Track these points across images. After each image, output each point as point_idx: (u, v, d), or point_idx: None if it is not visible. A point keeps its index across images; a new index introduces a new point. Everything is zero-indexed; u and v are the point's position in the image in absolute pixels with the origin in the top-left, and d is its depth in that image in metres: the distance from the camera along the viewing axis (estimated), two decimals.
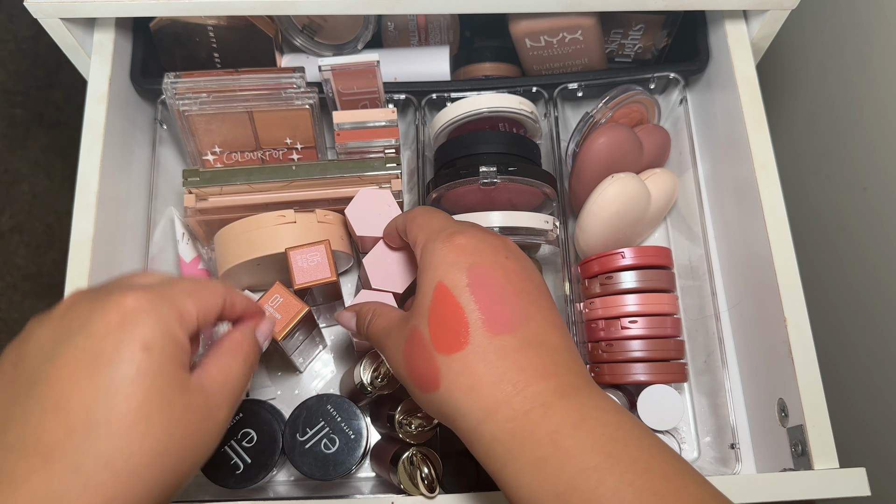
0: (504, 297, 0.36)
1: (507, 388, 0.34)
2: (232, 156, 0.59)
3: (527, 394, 0.33)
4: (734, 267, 0.58)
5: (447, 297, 0.36)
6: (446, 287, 0.36)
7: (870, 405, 0.75)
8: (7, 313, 1.15)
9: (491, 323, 0.35)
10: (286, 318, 0.47)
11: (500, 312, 0.35)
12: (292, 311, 0.48)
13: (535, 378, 0.34)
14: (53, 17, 0.53)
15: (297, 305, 0.48)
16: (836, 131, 0.76)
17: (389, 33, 0.64)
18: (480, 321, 0.35)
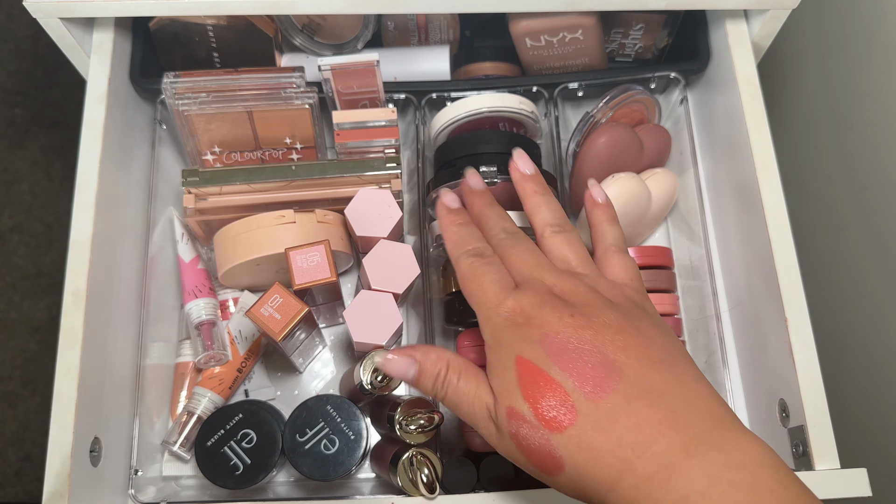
0: (587, 356, 0.34)
1: (626, 454, 0.31)
2: (231, 155, 0.59)
3: (648, 456, 0.31)
4: (735, 267, 0.58)
5: (534, 371, 0.34)
6: (529, 361, 0.34)
7: (871, 405, 0.75)
8: (6, 313, 1.15)
9: (589, 387, 0.33)
10: (286, 318, 0.47)
11: (592, 374, 0.33)
12: (292, 312, 0.47)
13: (654, 436, 0.31)
14: (52, 17, 0.53)
15: (296, 306, 0.48)
16: (837, 131, 0.76)
17: (389, 33, 0.64)
18: (578, 389, 0.33)
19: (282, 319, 0.47)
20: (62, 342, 0.48)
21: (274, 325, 0.47)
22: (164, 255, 0.59)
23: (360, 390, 0.48)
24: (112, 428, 0.51)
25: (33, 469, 1.10)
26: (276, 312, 0.47)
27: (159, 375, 0.57)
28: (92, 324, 0.49)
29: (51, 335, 1.13)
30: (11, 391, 1.11)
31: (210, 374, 0.56)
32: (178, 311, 0.60)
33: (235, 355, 0.57)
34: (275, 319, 0.47)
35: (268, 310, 0.47)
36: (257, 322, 0.47)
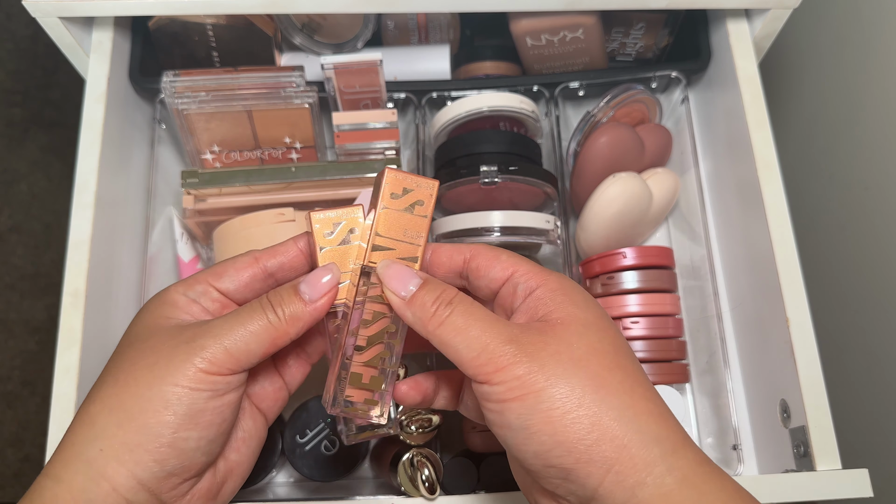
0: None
1: (682, 429, 0.32)
2: (231, 155, 0.59)
3: (695, 446, 0.31)
4: (736, 267, 0.58)
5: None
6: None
7: (872, 406, 0.75)
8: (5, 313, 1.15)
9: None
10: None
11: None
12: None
13: (669, 449, 0.30)
14: (52, 16, 0.53)
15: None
16: (839, 130, 0.76)
17: (389, 32, 0.64)
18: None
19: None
20: (61, 342, 0.48)
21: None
22: (163, 255, 0.59)
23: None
24: None
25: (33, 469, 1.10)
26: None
27: None
28: (91, 324, 0.49)
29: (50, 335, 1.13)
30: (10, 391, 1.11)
31: None
32: None
33: None
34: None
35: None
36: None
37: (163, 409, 0.32)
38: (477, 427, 0.51)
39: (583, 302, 0.33)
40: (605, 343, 0.32)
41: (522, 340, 0.31)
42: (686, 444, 0.30)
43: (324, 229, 0.37)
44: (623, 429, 0.29)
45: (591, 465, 0.29)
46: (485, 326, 0.32)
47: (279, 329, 0.34)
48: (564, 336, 0.32)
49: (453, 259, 0.36)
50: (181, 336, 0.34)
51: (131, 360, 0.34)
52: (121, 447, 0.32)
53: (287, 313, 0.35)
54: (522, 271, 0.34)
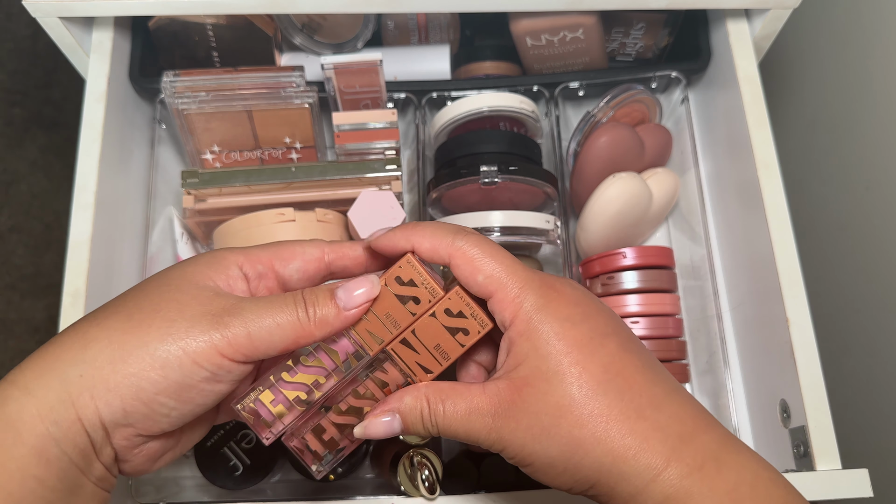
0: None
1: (675, 442, 0.32)
2: (231, 155, 0.59)
3: (696, 446, 0.32)
4: (736, 267, 0.58)
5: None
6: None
7: (872, 406, 0.75)
8: (5, 313, 1.15)
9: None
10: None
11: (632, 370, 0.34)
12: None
13: (697, 428, 0.32)
14: (52, 16, 0.53)
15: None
16: (839, 130, 0.76)
17: (389, 32, 0.64)
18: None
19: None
20: None
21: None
22: (163, 255, 0.59)
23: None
24: None
25: None
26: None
27: None
28: None
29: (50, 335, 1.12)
30: None
31: None
32: None
33: None
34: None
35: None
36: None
37: (159, 367, 0.32)
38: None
39: (546, 347, 0.33)
40: (570, 393, 0.32)
41: (499, 424, 0.33)
42: (671, 463, 0.31)
43: (402, 274, 0.35)
44: (606, 477, 0.32)
45: (597, 498, 0.34)
46: (467, 428, 0.34)
47: (306, 328, 0.34)
48: (529, 405, 0.33)
49: (434, 261, 0.35)
50: (211, 305, 0.33)
51: (154, 306, 0.33)
52: (101, 383, 0.31)
53: (318, 315, 0.34)
54: (497, 299, 0.34)
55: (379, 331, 0.36)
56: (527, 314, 0.33)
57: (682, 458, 0.31)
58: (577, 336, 0.33)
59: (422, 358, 0.36)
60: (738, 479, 0.31)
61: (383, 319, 0.36)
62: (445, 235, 0.35)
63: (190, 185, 0.55)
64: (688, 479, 0.31)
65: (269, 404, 0.36)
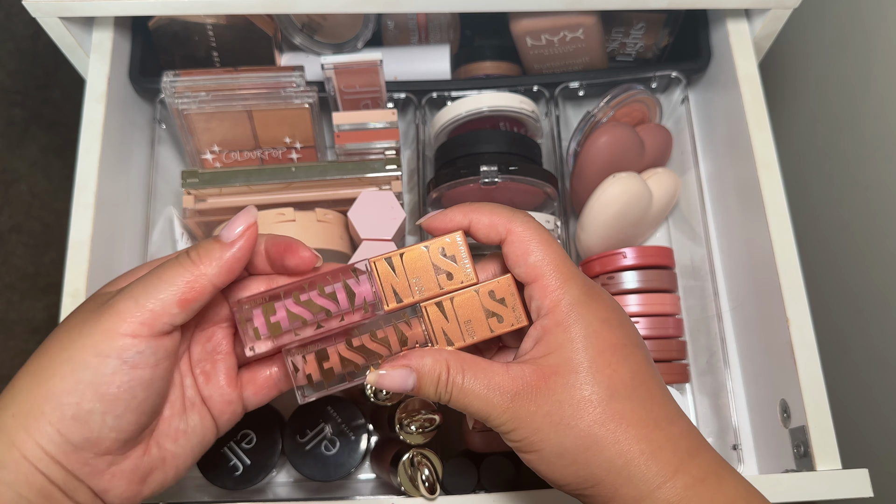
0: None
1: (682, 455, 0.33)
2: (231, 155, 0.59)
3: (700, 461, 0.33)
4: (736, 267, 0.58)
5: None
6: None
7: (872, 406, 0.75)
8: (5, 313, 1.15)
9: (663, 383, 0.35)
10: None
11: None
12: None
13: (701, 446, 0.34)
14: (52, 16, 0.53)
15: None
16: (839, 130, 0.76)
17: (389, 32, 0.64)
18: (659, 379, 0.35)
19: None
20: None
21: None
22: (163, 255, 0.59)
23: (361, 394, 0.48)
24: None
25: None
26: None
27: None
28: None
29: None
30: None
31: None
32: None
33: None
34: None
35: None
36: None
37: (69, 374, 0.31)
38: (477, 427, 0.51)
39: (582, 340, 0.33)
40: (597, 391, 0.33)
41: (517, 403, 0.33)
42: (679, 470, 0.32)
43: (446, 245, 0.36)
44: (613, 478, 0.32)
45: (592, 499, 0.34)
46: (483, 402, 0.34)
47: (192, 269, 0.32)
48: (553, 394, 0.33)
49: (490, 237, 0.35)
50: (103, 299, 0.33)
51: (58, 327, 0.33)
52: (28, 415, 0.31)
53: (202, 256, 0.33)
54: (540, 285, 0.34)
55: (402, 290, 0.36)
56: (568, 306, 0.34)
57: (688, 470, 0.32)
58: (613, 339, 0.34)
59: (449, 328, 0.36)
60: (735, 494, 0.33)
61: (411, 281, 0.36)
62: (505, 213, 0.35)
63: (190, 185, 0.55)
64: (691, 490, 0.32)
65: (268, 317, 0.35)
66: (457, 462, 0.50)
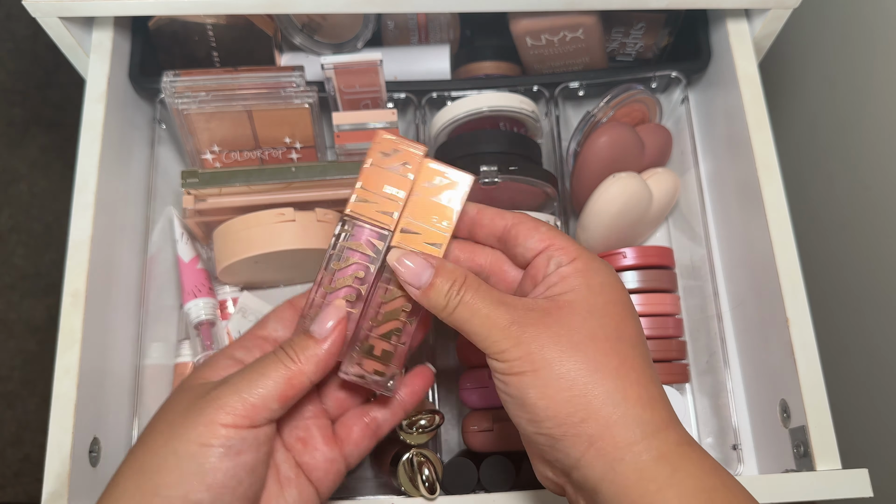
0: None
1: (672, 414, 0.33)
2: (231, 155, 0.59)
3: (682, 429, 0.33)
4: (736, 267, 0.58)
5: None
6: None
7: (872, 406, 0.75)
8: (5, 313, 1.15)
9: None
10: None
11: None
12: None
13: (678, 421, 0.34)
14: (52, 16, 0.53)
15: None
16: (839, 131, 0.76)
17: (389, 32, 0.64)
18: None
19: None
20: (61, 342, 0.48)
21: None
22: (163, 255, 0.59)
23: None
24: (111, 428, 0.51)
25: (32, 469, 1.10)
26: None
27: (158, 376, 0.56)
28: (91, 324, 0.49)
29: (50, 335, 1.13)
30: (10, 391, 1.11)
31: None
32: (178, 311, 0.60)
33: None
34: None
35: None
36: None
37: (175, 468, 0.32)
38: (477, 427, 0.51)
39: (599, 286, 0.34)
40: (606, 330, 0.33)
41: (525, 322, 0.33)
42: (670, 427, 0.32)
43: (382, 148, 0.37)
44: (610, 411, 0.32)
45: (576, 439, 0.32)
46: (491, 310, 0.34)
47: (293, 367, 0.34)
48: (567, 320, 0.33)
49: (495, 223, 0.38)
50: (201, 390, 0.34)
51: (156, 419, 0.34)
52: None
53: (300, 353, 0.35)
54: (558, 245, 0.36)
55: (386, 205, 0.37)
56: (586, 261, 0.35)
57: (678, 431, 0.33)
58: (624, 297, 0.35)
59: (425, 237, 0.37)
60: (717, 465, 0.33)
61: (384, 194, 0.37)
62: (507, 211, 0.38)
63: (190, 185, 0.55)
64: (682, 447, 0.32)
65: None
66: (457, 462, 0.50)
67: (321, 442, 0.38)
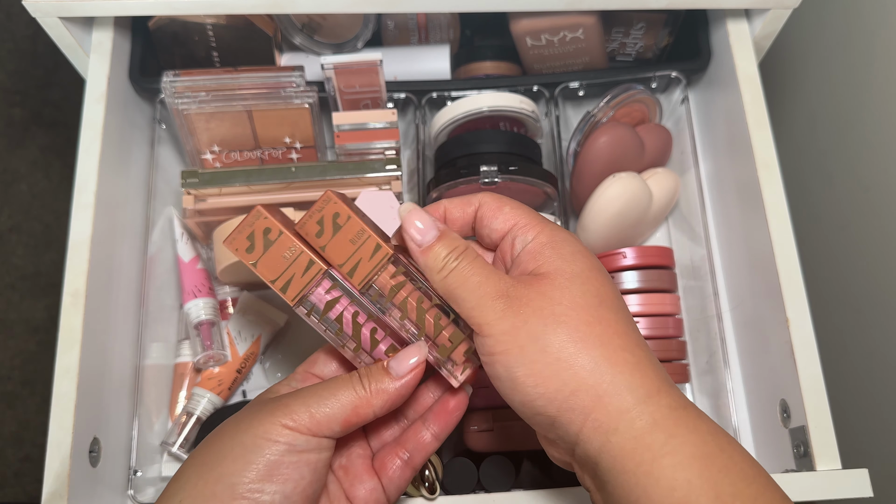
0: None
1: (663, 376, 0.33)
2: (231, 155, 0.59)
3: (675, 391, 0.33)
4: (736, 267, 0.58)
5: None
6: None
7: (872, 406, 0.75)
8: (5, 313, 1.15)
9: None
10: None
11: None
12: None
13: (670, 382, 0.33)
14: (52, 16, 0.53)
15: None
16: (839, 131, 0.76)
17: (389, 32, 0.64)
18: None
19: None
20: (61, 342, 0.48)
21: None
22: (163, 255, 0.59)
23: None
24: (111, 428, 0.51)
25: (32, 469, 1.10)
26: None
27: (158, 376, 0.56)
28: (91, 324, 0.49)
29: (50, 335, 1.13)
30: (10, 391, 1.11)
31: (209, 375, 0.56)
32: (178, 311, 0.60)
33: (234, 356, 0.57)
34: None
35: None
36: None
37: (240, 457, 0.33)
38: (477, 427, 0.51)
39: (570, 255, 0.34)
40: (587, 296, 0.33)
41: (512, 295, 0.33)
42: (661, 391, 0.32)
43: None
44: (598, 380, 0.31)
45: (571, 413, 0.32)
46: (482, 280, 0.34)
47: (363, 399, 0.35)
48: (547, 291, 0.33)
49: (465, 212, 0.37)
50: (268, 397, 0.36)
51: (222, 425, 0.36)
52: (198, 497, 0.32)
53: (373, 385, 0.35)
54: (521, 224, 0.36)
55: (302, 259, 0.37)
56: (551, 233, 0.35)
57: (671, 394, 0.32)
58: (595, 263, 0.35)
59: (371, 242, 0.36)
60: (714, 426, 0.32)
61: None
62: (472, 193, 0.38)
63: (190, 185, 0.55)
64: (675, 412, 0.31)
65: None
66: (457, 462, 0.50)
67: (362, 471, 0.38)
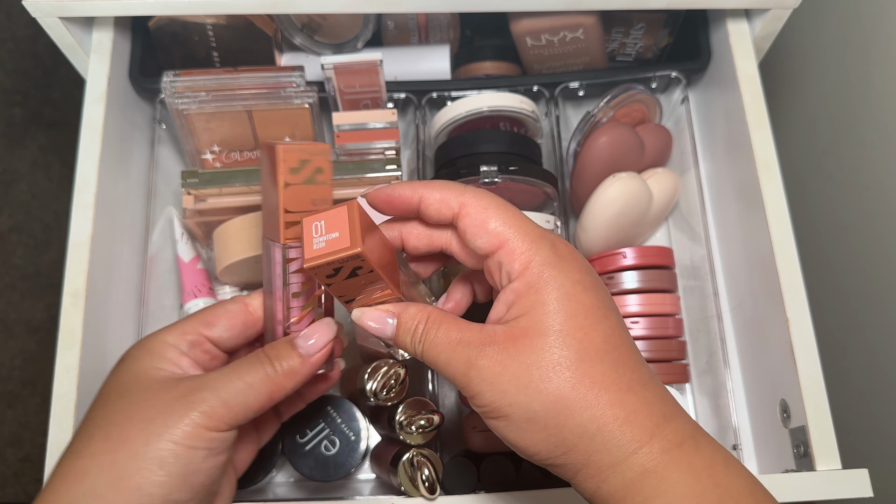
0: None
1: (659, 419, 0.32)
2: (231, 155, 0.59)
3: (676, 425, 0.32)
4: (736, 267, 0.58)
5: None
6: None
7: (872, 406, 0.75)
8: (5, 313, 1.15)
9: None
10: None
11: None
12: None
13: (676, 411, 0.33)
14: (52, 16, 0.53)
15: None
16: (839, 131, 0.76)
17: (389, 32, 0.64)
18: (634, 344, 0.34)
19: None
20: (61, 342, 0.48)
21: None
22: (163, 255, 0.59)
23: (360, 395, 0.48)
24: None
25: (32, 469, 1.10)
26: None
27: None
28: (91, 324, 0.49)
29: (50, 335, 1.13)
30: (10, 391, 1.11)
31: None
32: (178, 311, 0.60)
33: None
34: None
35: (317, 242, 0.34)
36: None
37: (157, 468, 0.32)
38: (477, 427, 0.51)
39: (555, 301, 0.32)
40: (568, 353, 0.32)
41: (482, 365, 0.32)
42: (655, 435, 0.32)
43: (290, 164, 0.36)
44: (587, 444, 0.32)
45: (563, 468, 0.33)
46: (449, 356, 0.33)
47: (276, 383, 0.35)
48: (524, 355, 0.32)
49: (442, 213, 0.34)
50: (176, 390, 0.34)
51: (125, 414, 0.34)
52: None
53: (285, 367, 0.35)
54: (507, 250, 0.33)
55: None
56: (539, 266, 0.33)
57: (665, 435, 0.32)
58: (586, 301, 0.32)
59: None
60: (713, 458, 0.32)
61: (314, 208, 0.36)
62: (456, 187, 0.34)
63: (190, 185, 0.55)
64: (668, 455, 0.31)
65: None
66: (457, 462, 0.50)
67: (246, 429, 0.39)
